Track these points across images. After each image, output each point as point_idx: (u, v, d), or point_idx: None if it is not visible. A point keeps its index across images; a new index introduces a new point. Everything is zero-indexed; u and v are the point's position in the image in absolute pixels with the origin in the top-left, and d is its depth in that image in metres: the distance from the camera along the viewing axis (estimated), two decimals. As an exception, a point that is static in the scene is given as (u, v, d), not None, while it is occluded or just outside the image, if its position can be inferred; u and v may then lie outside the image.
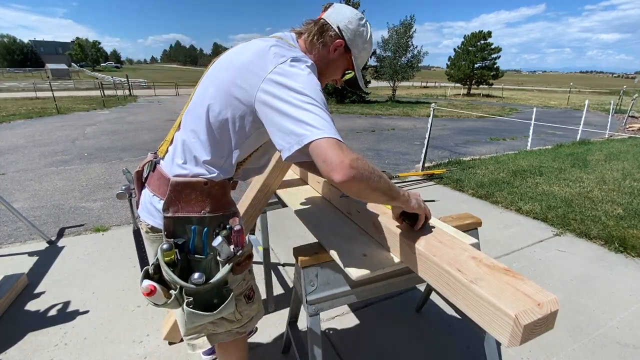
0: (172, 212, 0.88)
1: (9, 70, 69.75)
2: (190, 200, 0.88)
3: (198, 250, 0.89)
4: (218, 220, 0.91)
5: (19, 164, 5.48)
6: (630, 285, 2.31)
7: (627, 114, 13.03)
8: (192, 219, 0.88)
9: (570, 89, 34.30)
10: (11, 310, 2.00)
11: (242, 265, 0.93)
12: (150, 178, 0.99)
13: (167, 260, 0.84)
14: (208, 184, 0.89)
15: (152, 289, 0.83)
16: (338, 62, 1.02)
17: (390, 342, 1.80)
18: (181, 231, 0.89)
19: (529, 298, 0.68)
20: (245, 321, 1.10)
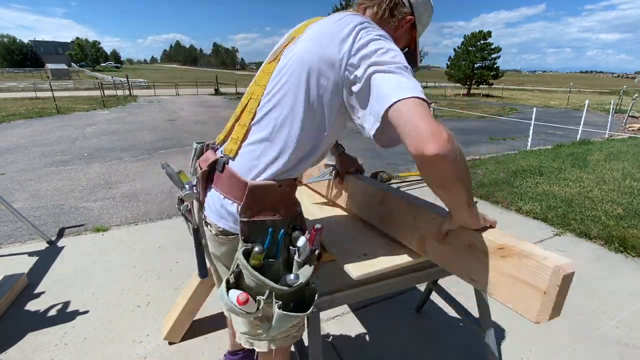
0: (248, 216, 0.84)
1: (8, 70, 69.76)
2: (265, 203, 0.85)
3: (270, 254, 0.85)
4: (287, 222, 0.88)
5: (19, 164, 5.48)
6: (630, 285, 2.31)
7: (627, 114, 13.03)
8: (267, 222, 0.86)
9: (570, 89, 34.31)
10: (11, 310, 2.00)
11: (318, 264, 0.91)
12: (219, 179, 0.91)
13: (254, 263, 0.82)
14: (282, 186, 0.86)
15: (248, 298, 0.79)
16: (402, 38, 0.97)
17: (390, 342, 1.80)
18: (256, 235, 0.85)
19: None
20: (302, 323, 1.07)
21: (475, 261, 0.83)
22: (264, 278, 0.80)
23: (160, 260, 2.56)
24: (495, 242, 0.79)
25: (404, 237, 1.07)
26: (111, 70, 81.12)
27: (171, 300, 2.06)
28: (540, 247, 0.77)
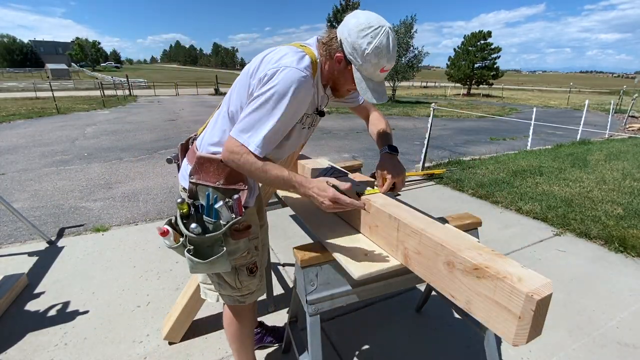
0: (195, 178, 1.08)
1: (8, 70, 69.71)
2: (209, 172, 1.07)
3: (210, 213, 1.05)
4: (230, 193, 1.08)
5: (19, 164, 5.48)
6: (630, 285, 2.31)
7: (627, 114, 13.03)
8: (209, 187, 1.07)
9: (570, 89, 34.31)
10: (11, 310, 2.00)
11: (240, 233, 1.08)
12: (189, 150, 1.20)
13: (181, 212, 1.04)
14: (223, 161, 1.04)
15: (165, 230, 1.01)
16: (345, 75, 1.05)
17: (390, 342, 1.80)
18: (198, 195, 1.09)
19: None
20: (245, 292, 1.22)
21: (454, 279, 0.82)
22: (180, 222, 1.04)
23: (160, 260, 2.56)
24: (471, 262, 0.76)
25: (390, 249, 1.06)
26: (111, 70, 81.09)
27: (171, 300, 2.06)
28: (518, 265, 0.75)
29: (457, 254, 0.80)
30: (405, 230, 0.96)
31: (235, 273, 1.17)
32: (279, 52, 1.01)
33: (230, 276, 1.17)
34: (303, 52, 1.00)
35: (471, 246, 0.83)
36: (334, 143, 7.83)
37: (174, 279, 2.33)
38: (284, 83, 0.93)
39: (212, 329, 1.87)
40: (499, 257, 0.78)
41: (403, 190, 4.16)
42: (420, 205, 1.29)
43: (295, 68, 0.94)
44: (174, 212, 1.13)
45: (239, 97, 1.05)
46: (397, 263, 1.02)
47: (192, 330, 1.83)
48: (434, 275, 0.89)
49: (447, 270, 0.84)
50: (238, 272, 1.18)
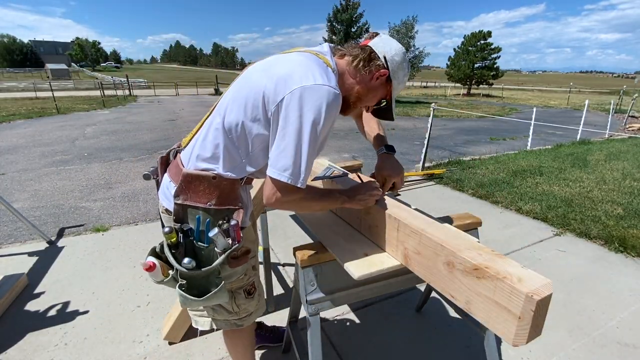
0: (181, 199, 0.97)
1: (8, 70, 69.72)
2: (198, 191, 0.96)
3: (202, 238, 0.95)
4: (223, 214, 0.97)
5: (19, 164, 5.48)
6: (630, 285, 2.31)
7: (627, 114, 13.03)
8: (199, 208, 0.96)
9: (570, 89, 34.31)
10: (11, 310, 2.00)
11: (238, 260, 0.99)
12: (171, 165, 1.07)
13: (169, 242, 0.93)
14: (216, 178, 0.95)
15: (151, 265, 0.91)
16: (377, 90, 1.04)
17: (390, 342, 1.80)
18: (187, 218, 0.97)
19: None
20: (243, 315, 1.15)
21: (454, 279, 0.82)
22: (170, 255, 0.93)
23: (160, 260, 2.56)
24: (471, 262, 0.77)
25: (390, 249, 1.06)
26: (111, 70, 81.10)
27: (171, 300, 2.06)
28: (518, 265, 0.75)
29: (457, 254, 0.80)
30: (405, 230, 0.96)
31: (231, 297, 1.10)
32: (299, 66, 0.90)
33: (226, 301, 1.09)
34: (325, 65, 0.95)
35: (471, 246, 0.83)
36: (334, 143, 7.83)
37: (174, 279, 2.32)
38: (316, 105, 0.85)
39: (212, 329, 1.86)
40: (498, 257, 0.78)
41: (403, 190, 4.16)
42: (420, 205, 1.29)
43: (325, 86, 0.87)
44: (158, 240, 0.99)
45: (241, 111, 0.93)
46: (397, 263, 1.02)
47: (192, 330, 1.82)
48: (434, 275, 0.89)
49: (447, 270, 0.84)
50: (235, 296, 1.11)
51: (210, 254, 0.95)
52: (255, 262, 1.16)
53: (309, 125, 0.85)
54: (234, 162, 0.97)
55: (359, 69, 1.00)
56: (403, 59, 1.01)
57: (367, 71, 1.00)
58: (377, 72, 0.99)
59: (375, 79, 1.00)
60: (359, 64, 0.99)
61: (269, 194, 0.91)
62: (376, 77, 1.00)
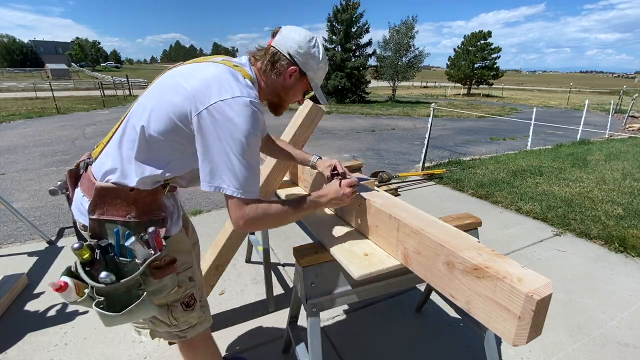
0: (97, 214, 0.89)
1: (8, 70, 69.71)
2: (115, 204, 0.90)
3: (124, 253, 0.88)
4: (145, 225, 0.91)
5: (19, 164, 5.48)
6: (630, 285, 2.31)
7: (627, 114, 13.03)
8: (117, 222, 0.89)
9: (570, 89, 34.30)
10: (11, 310, 2.00)
11: (163, 270, 0.91)
12: (83, 178, 0.99)
13: (82, 259, 0.85)
14: (134, 190, 0.90)
15: (61, 285, 0.83)
16: (296, 87, 1.04)
17: (390, 342, 1.80)
18: (106, 233, 0.90)
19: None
20: (184, 327, 1.10)
21: (454, 279, 0.82)
22: (83, 273, 0.85)
23: (160, 260, 2.56)
24: (471, 262, 0.77)
25: (390, 249, 1.06)
26: (111, 70, 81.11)
27: (171, 300, 2.06)
28: (518, 265, 0.75)
29: (457, 254, 0.80)
30: (405, 230, 0.96)
31: (167, 311, 1.03)
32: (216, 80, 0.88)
33: (162, 314, 1.03)
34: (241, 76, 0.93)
35: (471, 246, 0.83)
36: (334, 143, 7.83)
37: (174, 279, 2.32)
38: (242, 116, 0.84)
39: (212, 329, 1.86)
40: (498, 257, 0.78)
41: (403, 190, 4.17)
42: (420, 205, 1.29)
43: (243, 97, 0.86)
44: None
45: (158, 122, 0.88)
46: (397, 263, 1.02)
47: (192, 330, 1.82)
48: (434, 275, 0.89)
49: (447, 270, 0.84)
50: (171, 309, 1.04)
51: (135, 267, 0.87)
52: (192, 273, 1.08)
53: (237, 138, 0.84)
54: (151, 173, 0.91)
55: (267, 73, 1.00)
56: (309, 47, 0.99)
57: (277, 73, 1.00)
58: (287, 71, 0.99)
59: (288, 77, 1.00)
60: (267, 68, 1.00)
61: (233, 218, 0.90)
62: (289, 75, 1.00)
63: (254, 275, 2.37)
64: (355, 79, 20.24)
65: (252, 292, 2.19)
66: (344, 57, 19.87)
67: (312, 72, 1.02)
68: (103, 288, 0.85)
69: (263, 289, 2.13)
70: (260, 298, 2.12)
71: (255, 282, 2.30)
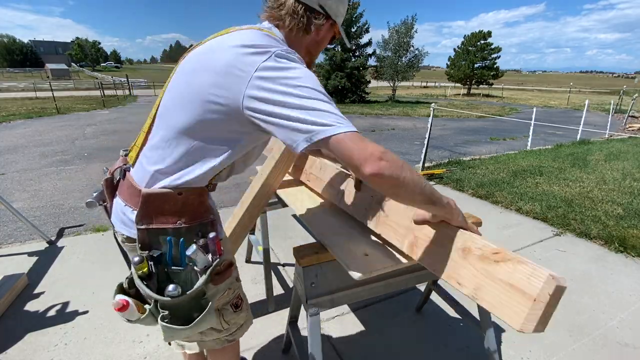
0: (145, 224, 0.82)
1: (8, 70, 69.72)
2: (164, 211, 0.82)
3: (176, 261, 0.84)
4: (196, 230, 0.85)
5: (19, 164, 5.48)
6: (630, 285, 2.31)
7: (627, 114, 13.03)
8: (167, 230, 0.83)
9: (570, 89, 34.32)
10: (11, 310, 2.00)
11: (222, 275, 0.88)
12: (121, 186, 0.92)
13: (141, 273, 0.81)
14: (182, 194, 0.82)
15: (124, 304, 0.79)
16: (326, 38, 0.96)
17: (390, 342, 1.80)
18: (157, 243, 0.84)
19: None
20: (234, 329, 1.05)
21: (467, 265, 0.82)
22: (145, 288, 0.80)
23: (160, 260, 2.56)
24: (491, 246, 0.78)
25: (397, 238, 1.06)
26: (111, 70, 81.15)
27: (171, 300, 2.06)
28: None
29: (477, 240, 0.81)
30: None
31: (219, 316, 0.98)
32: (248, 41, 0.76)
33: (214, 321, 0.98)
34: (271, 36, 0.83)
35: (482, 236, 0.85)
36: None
37: (174, 279, 2.32)
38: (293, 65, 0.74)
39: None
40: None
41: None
42: (420, 205, 1.29)
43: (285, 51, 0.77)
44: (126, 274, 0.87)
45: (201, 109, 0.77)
46: (397, 263, 1.02)
47: (192, 330, 1.82)
48: (442, 262, 0.88)
49: (460, 256, 0.84)
50: (222, 313, 0.99)
51: (188, 276, 0.84)
52: (237, 273, 1.04)
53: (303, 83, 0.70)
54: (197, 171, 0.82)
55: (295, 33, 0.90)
56: None
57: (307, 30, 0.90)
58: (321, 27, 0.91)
59: (320, 31, 0.93)
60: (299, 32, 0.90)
61: (361, 157, 0.66)
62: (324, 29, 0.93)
63: (254, 275, 2.37)
64: (355, 79, 20.26)
65: (252, 292, 2.19)
66: (344, 57, 19.88)
67: (340, 17, 0.95)
68: (168, 302, 0.80)
69: (263, 289, 2.12)
70: (260, 298, 2.12)
71: (255, 282, 2.30)
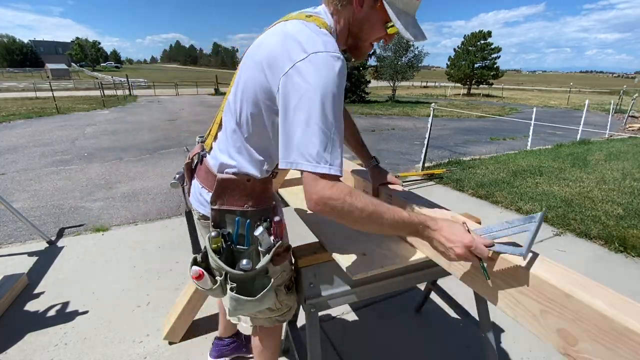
0: (218, 205, 0.94)
1: (8, 70, 69.70)
2: (234, 195, 0.93)
3: (241, 241, 0.95)
4: (260, 214, 0.96)
5: (19, 164, 5.48)
6: (630, 285, 2.31)
7: (627, 114, 13.03)
8: (236, 212, 0.94)
9: (570, 89, 34.31)
10: (11, 310, 2.00)
11: (281, 256, 0.98)
12: (199, 170, 1.03)
13: (214, 247, 0.92)
14: (250, 181, 0.93)
15: (200, 274, 0.91)
16: (371, 18, 0.86)
17: (390, 342, 1.80)
18: (226, 222, 0.95)
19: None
20: (285, 310, 1.12)
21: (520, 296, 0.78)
22: (219, 260, 0.91)
23: (160, 260, 2.56)
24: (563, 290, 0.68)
25: None
26: (111, 70, 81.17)
27: (171, 300, 2.06)
28: None
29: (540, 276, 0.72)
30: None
31: (274, 296, 1.03)
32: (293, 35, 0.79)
33: None
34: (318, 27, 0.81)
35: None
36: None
37: (174, 279, 2.32)
38: (320, 76, 0.73)
39: (212, 329, 1.86)
40: None
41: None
42: (420, 205, 1.29)
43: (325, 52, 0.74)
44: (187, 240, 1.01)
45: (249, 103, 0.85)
46: (397, 263, 1.02)
47: (192, 330, 1.82)
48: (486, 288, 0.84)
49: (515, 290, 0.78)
50: (277, 294, 1.05)
51: (251, 255, 0.94)
52: (290, 256, 1.11)
53: (315, 101, 0.71)
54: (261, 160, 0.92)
55: (337, 7, 0.86)
56: None
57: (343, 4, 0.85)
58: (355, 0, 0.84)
59: (359, 6, 0.84)
60: (338, 5, 0.86)
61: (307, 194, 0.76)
62: (358, 5, 0.84)
63: (254, 275, 2.37)
64: (355, 79, 20.25)
65: (252, 292, 2.19)
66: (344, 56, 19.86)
67: None
68: (239, 275, 0.90)
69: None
70: (260, 298, 2.12)
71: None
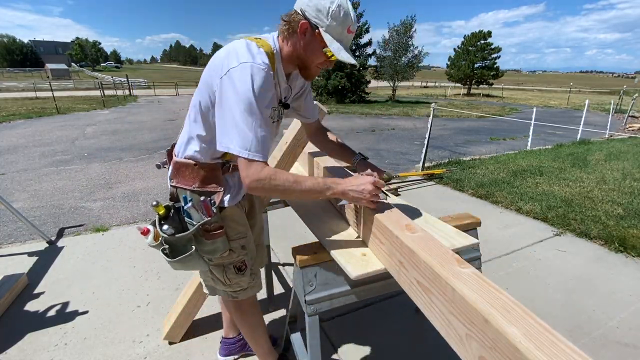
0: (174, 182, 1.17)
1: (8, 70, 69.67)
2: (185, 176, 1.15)
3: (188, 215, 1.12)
4: (206, 195, 1.13)
5: (19, 164, 5.48)
6: (630, 285, 2.31)
7: (627, 114, 13.02)
8: (186, 190, 1.15)
9: (570, 89, 34.29)
10: (11, 310, 2.00)
11: (212, 234, 1.12)
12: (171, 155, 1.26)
13: (161, 214, 1.11)
14: (197, 165, 1.13)
15: (145, 230, 1.10)
16: (312, 44, 1.02)
17: (390, 342, 1.80)
18: (179, 197, 1.17)
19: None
20: (237, 289, 1.29)
21: None
22: (157, 223, 1.11)
23: (160, 260, 2.54)
24: None
25: None
26: (111, 70, 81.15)
27: (171, 300, 2.06)
28: None
29: None
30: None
31: (222, 271, 1.25)
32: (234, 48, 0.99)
33: (219, 273, 1.25)
34: (255, 45, 1.00)
35: None
36: (334, 143, 7.82)
37: (174, 279, 2.33)
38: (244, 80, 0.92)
39: (212, 329, 1.87)
40: None
41: (403, 190, 4.17)
42: (420, 205, 1.29)
43: (248, 62, 0.94)
44: None
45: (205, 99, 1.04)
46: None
47: (192, 330, 1.83)
48: None
49: None
50: (225, 270, 1.25)
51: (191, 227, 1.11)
52: (245, 242, 1.27)
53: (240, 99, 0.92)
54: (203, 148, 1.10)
55: (285, 35, 1.05)
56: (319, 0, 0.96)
57: (291, 33, 1.03)
58: (299, 27, 1.00)
59: (302, 34, 1.01)
60: (285, 31, 1.04)
61: (241, 176, 0.96)
62: (302, 32, 1.00)
63: (254, 275, 2.37)
64: (355, 79, 20.23)
65: (252, 292, 2.19)
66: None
67: (325, 24, 0.98)
68: (167, 238, 1.09)
69: (263, 288, 2.13)
70: (261, 298, 2.12)
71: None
